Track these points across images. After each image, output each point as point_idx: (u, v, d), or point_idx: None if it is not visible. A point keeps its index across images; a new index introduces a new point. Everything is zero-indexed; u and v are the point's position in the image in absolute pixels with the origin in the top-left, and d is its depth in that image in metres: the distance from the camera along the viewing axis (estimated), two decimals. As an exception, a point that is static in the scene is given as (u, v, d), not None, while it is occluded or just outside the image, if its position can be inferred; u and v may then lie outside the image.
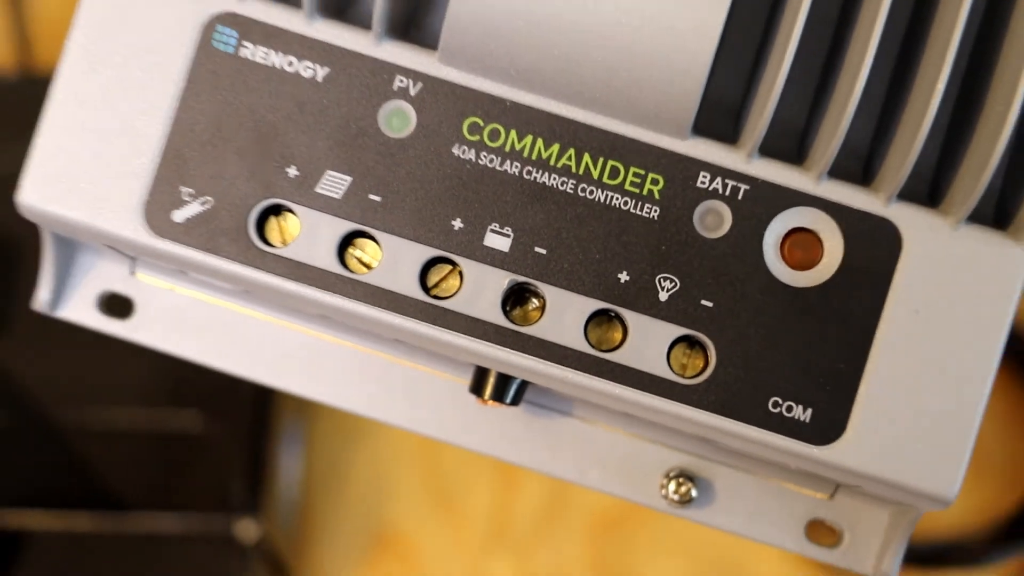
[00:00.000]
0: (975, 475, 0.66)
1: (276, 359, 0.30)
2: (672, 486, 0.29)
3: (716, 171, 0.27)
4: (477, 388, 0.29)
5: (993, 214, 0.27)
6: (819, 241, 0.27)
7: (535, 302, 0.28)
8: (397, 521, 0.63)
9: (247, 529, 0.54)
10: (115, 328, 0.31)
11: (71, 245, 0.29)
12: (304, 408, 0.61)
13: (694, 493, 0.30)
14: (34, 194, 0.28)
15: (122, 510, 0.55)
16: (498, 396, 0.28)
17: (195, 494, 0.55)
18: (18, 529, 0.57)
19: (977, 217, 0.27)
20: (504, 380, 0.29)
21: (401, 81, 0.27)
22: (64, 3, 0.77)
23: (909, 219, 0.27)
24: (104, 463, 0.53)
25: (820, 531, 0.29)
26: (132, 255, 0.29)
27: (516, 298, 0.27)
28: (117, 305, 0.28)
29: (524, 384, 0.29)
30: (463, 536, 0.62)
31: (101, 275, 0.29)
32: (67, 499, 0.56)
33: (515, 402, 0.29)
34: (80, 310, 0.30)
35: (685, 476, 0.29)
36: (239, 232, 0.27)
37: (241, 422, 0.53)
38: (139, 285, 0.29)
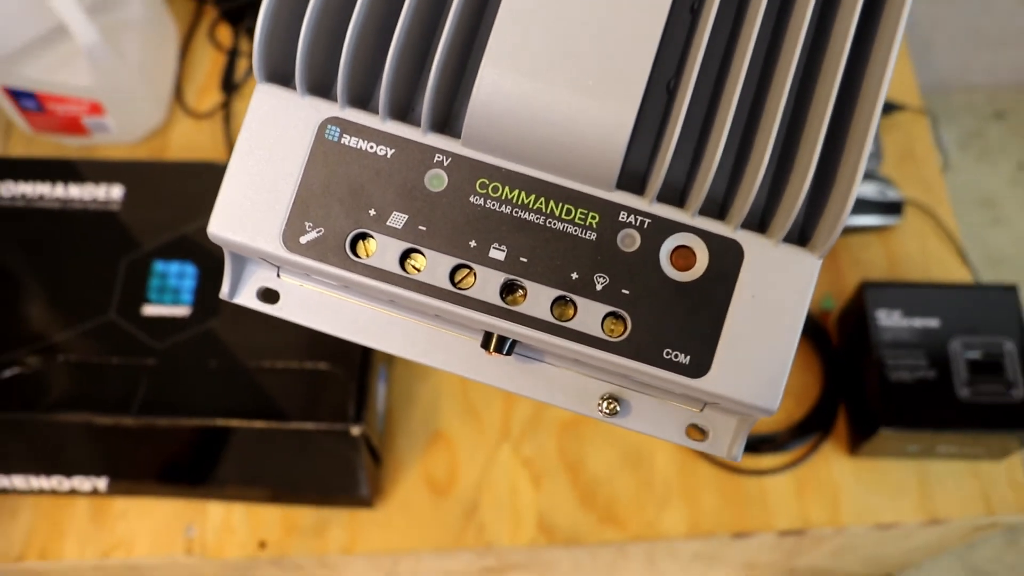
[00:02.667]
0: (784, 396, 0.63)
1: (364, 328, 0.32)
2: (604, 404, 0.31)
3: (631, 211, 0.28)
4: (485, 345, 0.29)
5: (798, 236, 0.28)
6: (693, 253, 0.27)
7: (520, 291, 0.28)
8: (443, 426, 0.62)
9: (356, 429, 0.56)
10: (268, 309, 0.31)
11: (241, 259, 0.31)
12: (388, 358, 0.59)
13: (618, 408, 0.30)
14: (217, 226, 0.28)
15: (285, 419, 0.57)
16: (499, 350, 0.29)
17: (327, 409, 0.58)
18: (226, 427, 0.56)
19: (789, 238, 0.28)
20: (502, 340, 0.29)
21: (438, 158, 0.28)
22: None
23: (748, 240, 0.28)
24: (274, 391, 0.54)
25: (694, 431, 0.31)
26: (276, 264, 0.30)
27: (508, 289, 0.28)
28: (269, 295, 0.29)
29: (515, 342, 0.29)
30: (483, 435, 0.62)
31: (259, 277, 0.32)
32: (253, 411, 0.58)
33: (509, 353, 0.29)
34: (247, 298, 0.31)
35: (613, 398, 0.31)
36: (340, 249, 0.28)
37: (352, 367, 0.54)
38: (282, 283, 0.32)
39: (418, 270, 0.27)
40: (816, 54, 0.28)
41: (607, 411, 0.30)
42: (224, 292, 0.31)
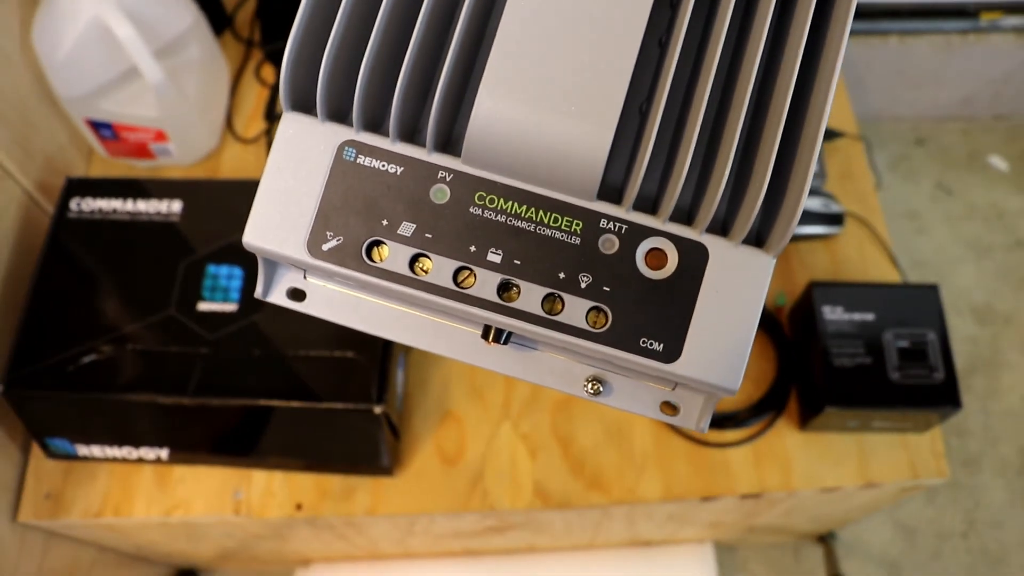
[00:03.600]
0: (744, 380, 0.61)
1: (380, 322, 0.30)
2: (589, 385, 0.29)
3: (610, 218, 0.27)
4: (485, 335, 0.28)
5: (756, 239, 0.27)
6: (665, 255, 0.26)
7: (515, 289, 0.27)
8: (453, 406, 0.60)
9: (378, 408, 0.49)
10: (296, 306, 0.30)
11: (272, 263, 0.30)
12: (406, 348, 0.57)
13: (601, 389, 0.29)
14: (251, 235, 0.27)
15: (317, 399, 0.54)
16: (497, 340, 0.28)
17: (353, 391, 0.57)
18: (268, 406, 0.55)
19: (748, 240, 0.27)
20: (500, 331, 0.28)
21: (441, 174, 0.27)
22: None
23: (712, 243, 0.26)
24: (308, 375, 0.52)
25: (667, 407, 0.30)
26: (303, 269, 0.29)
27: (504, 287, 0.27)
28: (297, 294, 0.28)
29: (511, 333, 0.28)
30: (487, 413, 0.59)
31: (288, 279, 0.30)
32: (290, 392, 0.56)
33: (506, 343, 0.28)
34: (278, 297, 0.30)
35: (596, 380, 0.29)
36: (357, 255, 0.27)
37: (375, 355, 0.52)
38: (308, 284, 0.30)
39: (426, 272, 0.26)
40: (768, 82, 0.27)
41: (591, 391, 0.29)
42: (258, 292, 0.29)
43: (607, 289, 0.26)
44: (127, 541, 0.75)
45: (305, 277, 0.30)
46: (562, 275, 0.26)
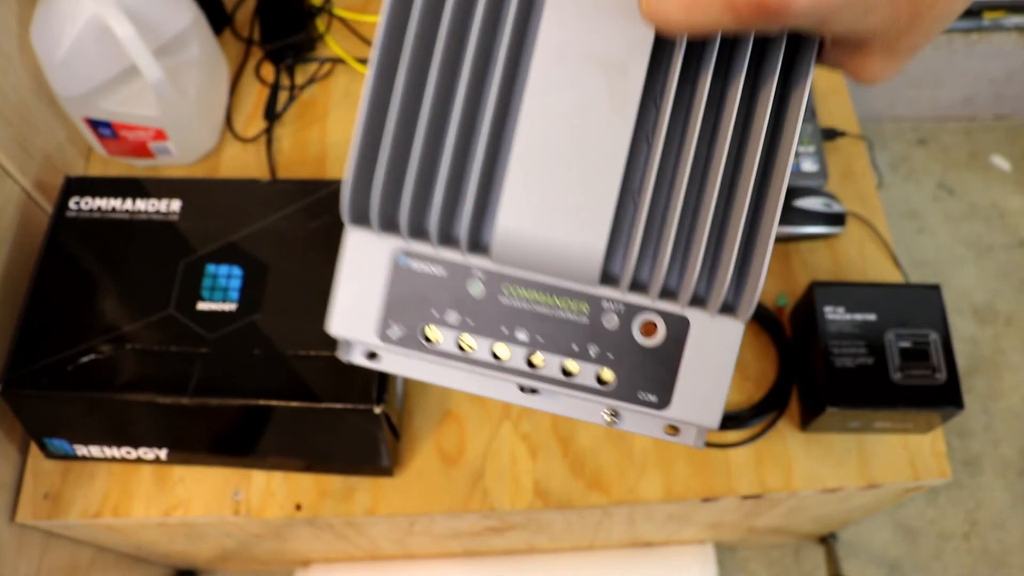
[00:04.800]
0: (743, 379, 0.62)
1: (438, 375, 0.34)
2: (608, 416, 0.33)
3: (610, 300, 0.32)
4: (521, 388, 0.33)
5: (727, 308, 0.32)
6: (655, 326, 0.32)
7: (540, 358, 0.32)
8: (453, 406, 0.60)
9: (378, 409, 0.50)
10: (372, 365, 0.34)
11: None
12: None
13: (616, 419, 0.33)
14: (335, 327, 0.33)
15: (317, 399, 0.54)
16: (530, 392, 0.33)
17: (353, 391, 0.57)
18: (267, 406, 0.55)
19: (722, 310, 0.31)
20: (533, 389, 0.34)
21: (475, 272, 0.32)
22: (293, 145, 0.74)
23: (692, 314, 0.32)
24: (308, 375, 0.52)
25: (670, 429, 0.33)
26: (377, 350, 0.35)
27: (531, 358, 0.32)
28: (372, 356, 0.34)
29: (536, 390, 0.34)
30: (487, 414, 0.60)
31: (366, 347, 0.34)
32: (290, 392, 0.57)
33: (535, 392, 0.33)
34: (358, 358, 0.34)
35: (613, 412, 0.33)
36: (416, 339, 0.32)
37: None
38: (381, 348, 0.33)
39: (470, 349, 0.32)
40: (737, 176, 0.31)
41: (608, 421, 0.34)
42: (341, 355, 0.35)
43: (611, 356, 0.32)
44: (126, 541, 0.75)
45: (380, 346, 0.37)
46: (575, 346, 0.32)
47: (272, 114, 0.78)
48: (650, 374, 0.32)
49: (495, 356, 0.32)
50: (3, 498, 0.62)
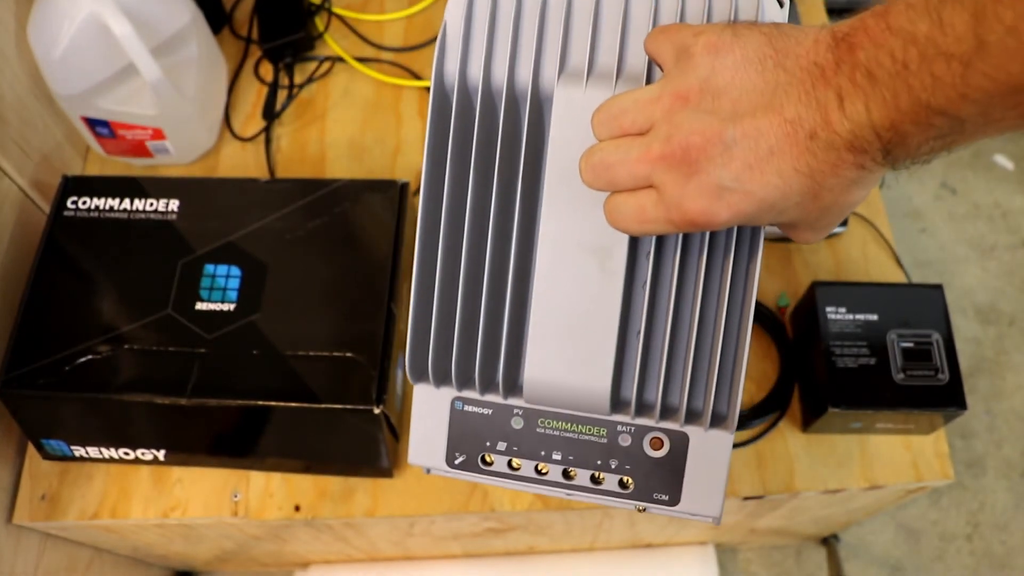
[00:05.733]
0: (747, 381, 0.61)
1: (497, 483, 0.42)
2: (639, 508, 0.40)
3: (622, 424, 0.39)
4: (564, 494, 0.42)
5: (718, 422, 0.39)
6: (662, 441, 0.39)
7: (572, 473, 0.40)
8: None
9: (378, 409, 0.51)
10: (445, 474, 0.42)
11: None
12: (405, 349, 0.57)
13: (646, 509, 0.40)
14: (413, 458, 0.41)
15: (316, 400, 0.55)
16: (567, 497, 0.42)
17: (353, 391, 0.57)
18: (266, 407, 0.55)
19: (713, 425, 0.39)
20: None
21: (515, 411, 0.40)
22: (292, 144, 0.73)
23: (690, 430, 0.39)
24: (307, 376, 0.54)
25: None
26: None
27: (565, 474, 0.40)
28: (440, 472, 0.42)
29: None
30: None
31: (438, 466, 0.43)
32: (289, 393, 0.57)
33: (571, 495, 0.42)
34: (436, 471, 0.42)
35: (643, 506, 0.40)
36: (475, 464, 0.40)
37: (374, 355, 0.54)
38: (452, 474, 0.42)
39: (517, 469, 0.40)
40: (714, 327, 0.38)
41: (640, 510, 0.41)
42: (425, 470, 0.42)
43: (628, 467, 0.39)
44: (124, 543, 0.75)
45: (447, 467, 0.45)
46: (599, 462, 0.40)
47: (271, 113, 0.78)
48: (661, 479, 0.39)
49: (539, 472, 0.40)
50: (0, 500, 0.62)
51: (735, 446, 0.65)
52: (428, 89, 0.80)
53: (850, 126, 0.28)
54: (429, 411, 0.40)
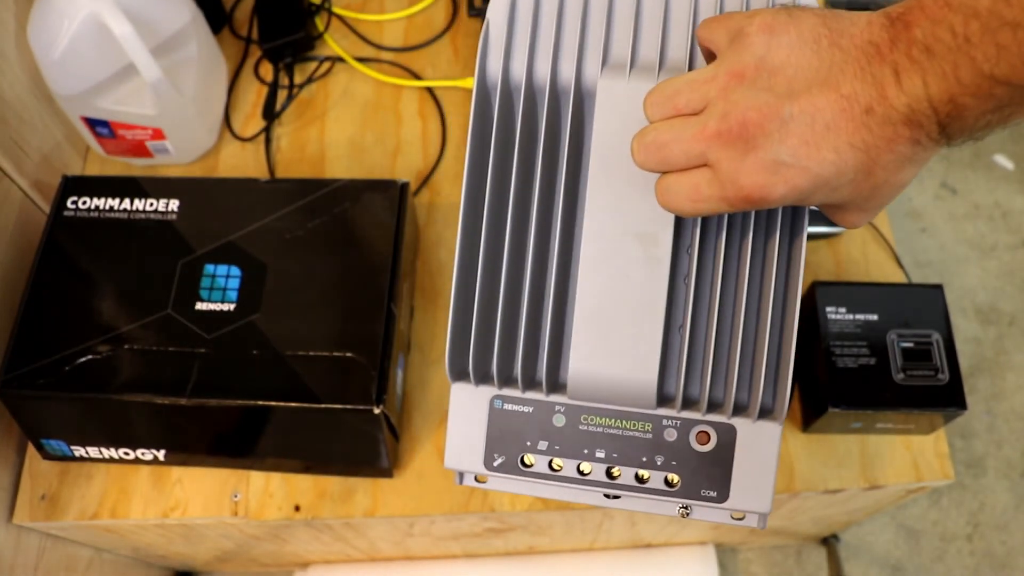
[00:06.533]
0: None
1: (535, 489, 0.41)
2: (683, 511, 0.40)
3: (668, 418, 0.39)
4: (606, 496, 0.40)
5: (766, 414, 0.38)
6: (708, 435, 0.38)
7: (617, 471, 0.39)
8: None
9: (378, 409, 0.53)
10: (480, 486, 0.41)
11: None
12: (406, 348, 0.60)
13: (689, 512, 0.40)
14: (450, 461, 0.40)
15: (316, 400, 0.56)
16: (613, 499, 0.40)
17: (353, 391, 0.57)
18: (266, 407, 0.56)
19: (761, 416, 0.38)
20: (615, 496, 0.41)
21: (557, 408, 0.39)
22: (292, 144, 0.74)
23: (737, 422, 0.38)
24: (307, 376, 0.56)
25: (736, 514, 0.39)
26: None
27: (609, 472, 0.39)
28: (480, 479, 0.41)
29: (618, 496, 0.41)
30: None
31: (475, 475, 0.42)
32: (289, 393, 0.57)
33: (617, 497, 0.40)
34: (469, 481, 0.41)
35: (686, 508, 0.40)
36: (515, 465, 0.39)
37: (375, 355, 0.55)
38: (488, 473, 0.41)
39: (559, 469, 0.39)
40: (760, 310, 0.38)
41: (683, 515, 0.40)
42: (456, 480, 0.42)
43: (674, 463, 0.39)
44: (124, 543, 0.75)
45: (485, 472, 0.44)
46: (644, 459, 0.39)
47: (271, 113, 0.78)
48: (709, 475, 0.38)
49: (581, 472, 0.39)
50: (0, 500, 0.62)
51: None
52: (428, 89, 0.81)
53: (907, 100, 0.28)
54: (467, 411, 0.39)
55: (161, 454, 0.61)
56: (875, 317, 0.62)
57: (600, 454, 0.38)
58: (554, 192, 0.39)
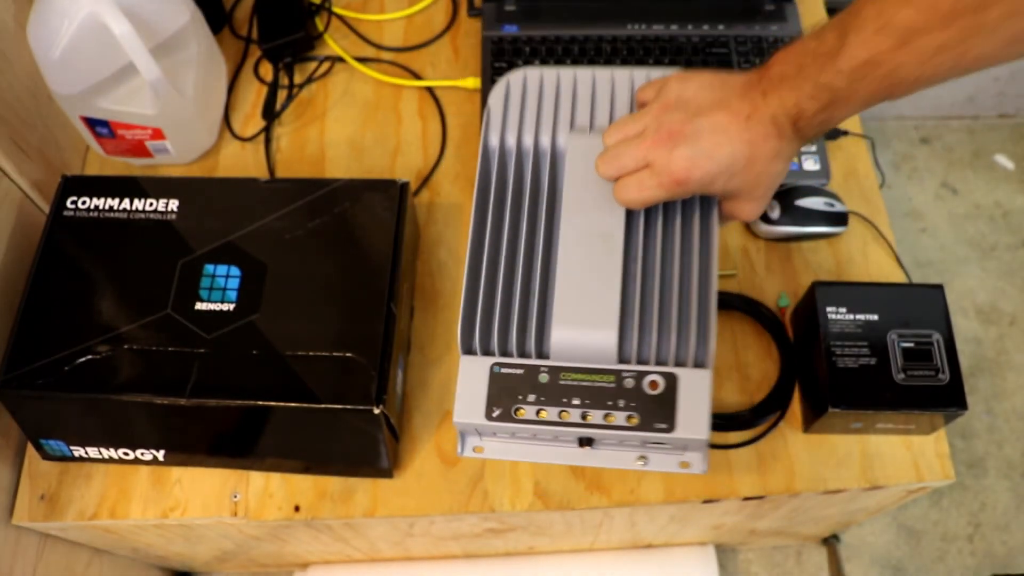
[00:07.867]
0: (745, 381, 0.63)
1: (523, 453, 0.52)
2: (639, 461, 0.50)
3: (626, 371, 0.49)
4: (579, 444, 0.51)
5: (699, 363, 0.49)
6: (657, 382, 0.49)
7: (589, 414, 0.48)
8: (452, 406, 0.59)
9: (378, 409, 0.53)
10: (478, 456, 0.52)
11: (463, 435, 0.53)
12: (405, 348, 0.60)
13: (646, 463, 0.51)
14: (458, 416, 0.50)
15: (316, 400, 0.56)
16: (586, 444, 0.51)
17: (353, 392, 0.57)
18: (266, 407, 0.56)
19: (695, 365, 0.49)
20: (586, 440, 0.51)
21: (542, 369, 0.49)
22: (292, 144, 0.74)
23: (678, 371, 0.49)
24: (307, 376, 0.56)
25: (683, 464, 0.49)
26: (482, 429, 0.52)
27: (583, 415, 0.49)
28: (478, 449, 0.51)
29: (591, 440, 0.51)
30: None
31: (471, 442, 0.53)
32: (289, 393, 0.56)
33: (590, 445, 0.51)
34: (468, 452, 0.52)
35: (643, 457, 0.50)
36: (509, 415, 0.48)
37: (374, 355, 0.55)
38: (484, 442, 0.52)
39: (544, 416, 0.49)
40: (688, 284, 0.50)
41: (640, 465, 0.52)
42: (458, 450, 0.52)
43: (633, 404, 0.49)
44: (123, 543, 0.75)
45: (481, 439, 0.53)
46: (609, 403, 0.49)
47: (271, 113, 0.78)
48: (659, 412, 0.48)
49: (560, 419, 0.49)
50: None
51: (735, 446, 0.65)
52: (428, 89, 0.81)
53: (771, 109, 0.45)
54: (473, 377, 0.50)
55: (160, 454, 0.61)
56: (875, 317, 0.62)
57: (576, 402, 0.49)
58: (538, 216, 0.53)
